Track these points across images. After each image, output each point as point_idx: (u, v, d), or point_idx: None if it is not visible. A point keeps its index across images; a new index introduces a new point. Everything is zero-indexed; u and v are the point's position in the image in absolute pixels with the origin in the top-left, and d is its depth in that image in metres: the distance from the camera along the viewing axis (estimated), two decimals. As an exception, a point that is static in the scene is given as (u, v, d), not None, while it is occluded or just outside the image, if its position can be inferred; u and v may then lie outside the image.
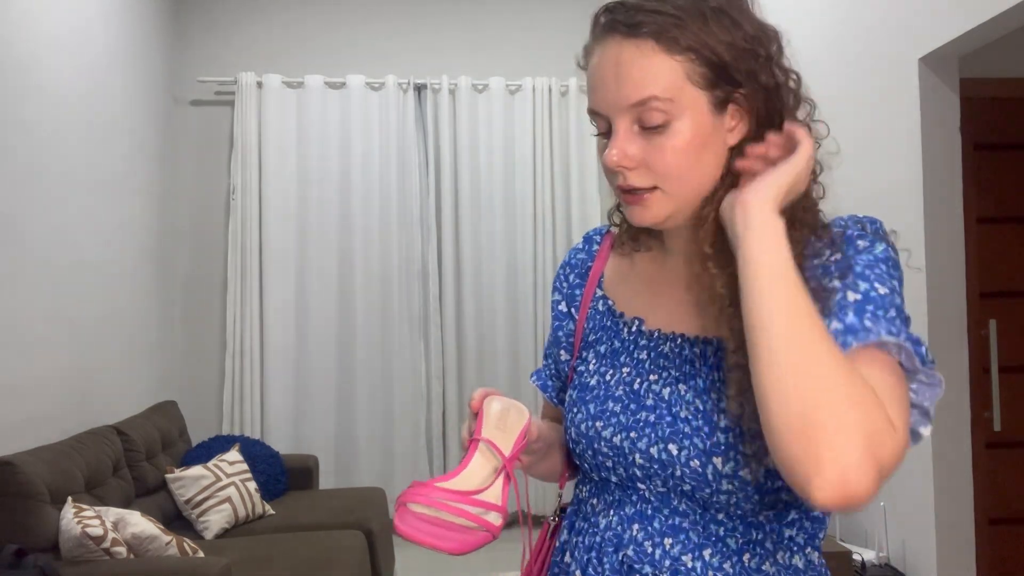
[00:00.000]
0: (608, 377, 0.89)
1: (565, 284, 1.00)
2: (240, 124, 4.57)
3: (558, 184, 4.78)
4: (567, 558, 0.92)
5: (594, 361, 0.92)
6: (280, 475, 3.87)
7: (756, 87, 0.80)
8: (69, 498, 2.56)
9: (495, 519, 0.79)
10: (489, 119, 4.77)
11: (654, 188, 0.80)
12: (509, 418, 0.85)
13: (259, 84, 4.61)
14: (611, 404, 0.87)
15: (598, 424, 0.86)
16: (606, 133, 0.82)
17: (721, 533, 0.81)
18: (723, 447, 0.78)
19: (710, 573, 0.80)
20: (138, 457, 3.27)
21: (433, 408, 4.65)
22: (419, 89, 4.76)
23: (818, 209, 0.83)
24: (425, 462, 4.60)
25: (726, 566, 0.80)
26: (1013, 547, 2.66)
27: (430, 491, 0.79)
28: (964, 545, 2.45)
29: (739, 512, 0.80)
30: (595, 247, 0.99)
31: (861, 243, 0.80)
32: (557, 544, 0.96)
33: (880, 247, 0.81)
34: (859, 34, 2.83)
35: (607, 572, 0.85)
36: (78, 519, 2.42)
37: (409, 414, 4.60)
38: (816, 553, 0.85)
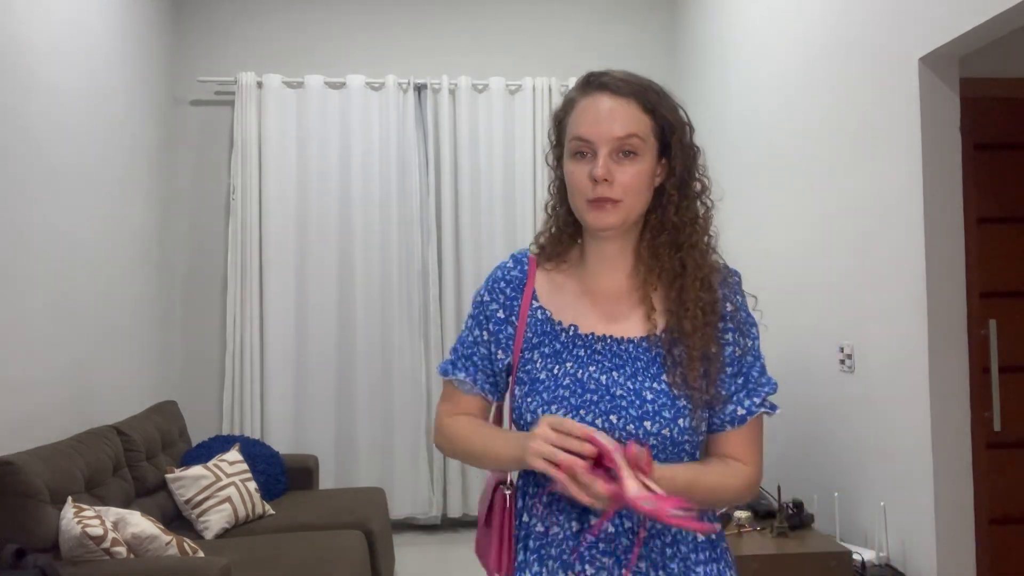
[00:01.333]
0: (556, 371, 1.14)
1: (502, 296, 1.22)
2: (240, 124, 4.57)
3: (558, 184, 4.77)
4: (525, 518, 1.16)
5: (540, 360, 1.16)
6: (280, 475, 3.87)
7: (679, 149, 1.14)
8: (69, 498, 2.56)
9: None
10: (489, 119, 4.77)
11: (618, 201, 1.10)
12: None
13: (259, 84, 4.61)
14: (561, 391, 1.12)
15: (553, 407, 1.10)
16: (583, 155, 1.12)
17: None
18: (650, 413, 1.08)
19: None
20: (138, 457, 3.27)
21: (433, 408, 4.64)
22: (419, 89, 4.76)
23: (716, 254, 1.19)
24: (425, 462, 4.60)
25: None
26: (1013, 547, 2.66)
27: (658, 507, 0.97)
28: (964, 545, 2.45)
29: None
30: (525, 266, 1.23)
31: (736, 297, 1.17)
32: (515, 511, 1.19)
33: (744, 302, 1.18)
34: (859, 34, 2.83)
35: (565, 519, 1.11)
36: (78, 519, 2.42)
37: (409, 414, 4.60)
38: None
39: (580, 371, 1.12)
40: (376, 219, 4.64)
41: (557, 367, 1.14)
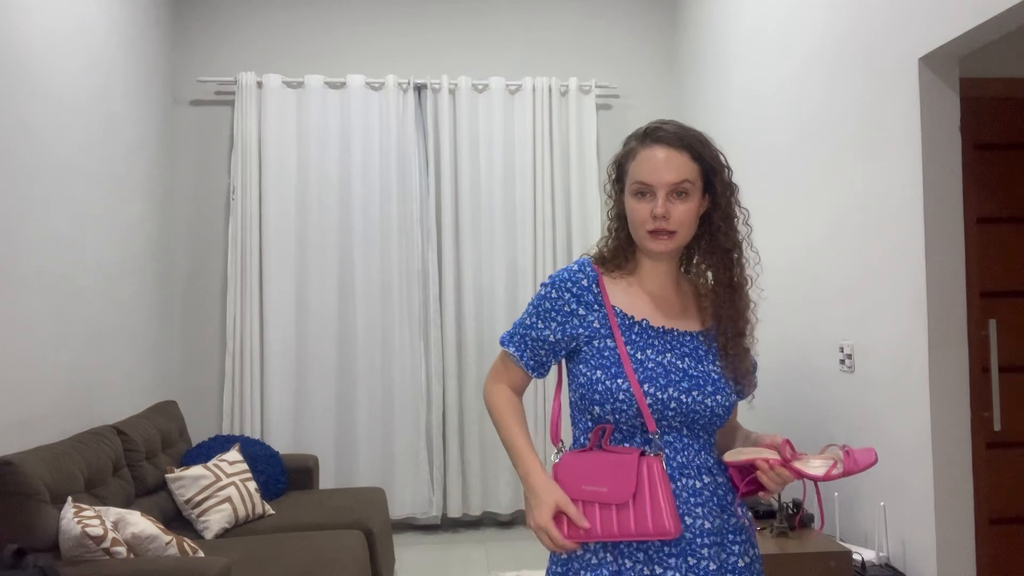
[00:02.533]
0: (639, 357, 1.38)
1: (568, 294, 1.43)
2: (240, 124, 4.57)
3: (558, 183, 4.78)
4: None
5: (615, 348, 1.38)
6: (280, 475, 3.87)
7: (723, 187, 1.42)
8: (69, 498, 2.56)
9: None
10: (489, 119, 4.76)
11: (674, 232, 1.38)
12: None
13: (259, 84, 4.62)
14: (649, 373, 1.36)
15: (645, 386, 1.35)
16: (643, 195, 1.38)
17: (703, 443, 1.40)
18: (719, 390, 1.39)
19: (702, 461, 1.39)
20: (138, 457, 3.27)
21: (433, 408, 4.64)
22: (419, 89, 4.76)
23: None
24: (425, 462, 4.60)
25: (706, 457, 1.40)
26: (1013, 547, 2.66)
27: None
28: (964, 545, 2.45)
29: (710, 429, 1.40)
30: (590, 271, 1.45)
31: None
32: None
33: None
34: (859, 34, 2.83)
35: (697, 479, 1.38)
36: (78, 519, 2.42)
37: (409, 414, 4.60)
38: None
39: (660, 356, 1.38)
40: (376, 219, 4.64)
41: (639, 353, 1.38)
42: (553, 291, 1.44)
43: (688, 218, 1.38)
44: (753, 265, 1.49)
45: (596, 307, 1.42)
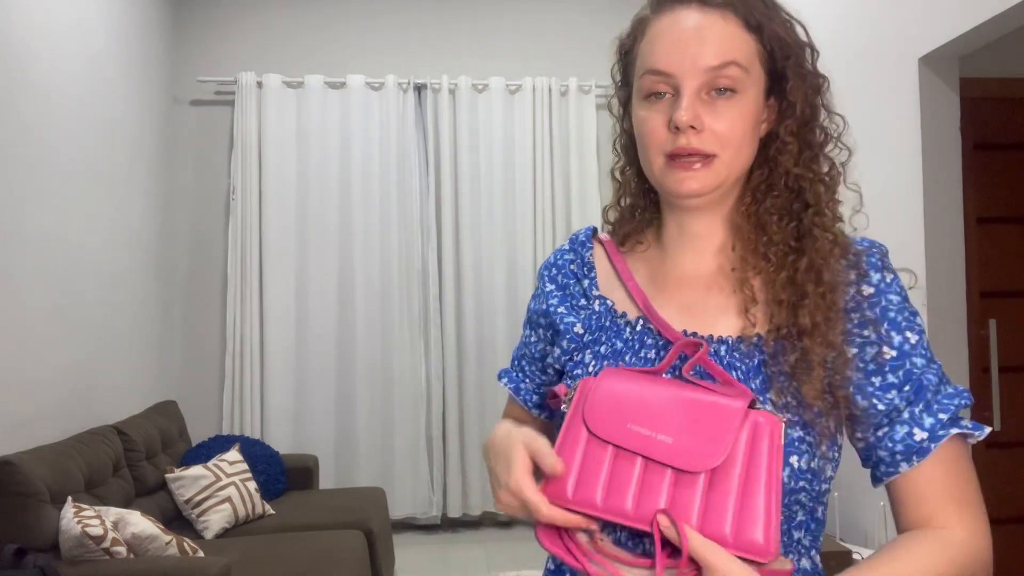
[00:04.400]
0: None
1: (561, 282, 0.94)
2: (240, 124, 4.57)
3: (558, 184, 4.77)
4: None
5: (593, 362, 0.85)
6: (280, 475, 3.87)
7: (798, 80, 0.82)
8: (69, 498, 2.56)
9: None
10: (489, 119, 4.76)
11: (711, 156, 0.79)
12: None
13: (259, 84, 4.61)
14: None
15: None
16: (659, 96, 0.81)
17: None
18: None
19: None
20: (138, 457, 3.27)
21: (433, 408, 4.64)
22: (419, 89, 4.76)
23: (840, 226, 0.86)
24: (425, 462, 4.60)
25: None
26: (1013, 547, 2.66)
27: None
28: (964, 545, 2.44)
29: None
30: (583, 250, 0.95)
31: (879, 276, 0.83)
32: None
33: (896, 283, 0.84)
34: (859, 34, 2.83)
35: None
36: (78, 519, 2.42)
37: (409, 414, 4.60)
38: (817, 556, 0.84)
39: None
40: (376, 219, 4.64)
41: None
42: (539, 284, 0.96)
43: (739, 132, 0.79)
44: (850, 216, 0.89)
45: (584, 302, 0.90)
